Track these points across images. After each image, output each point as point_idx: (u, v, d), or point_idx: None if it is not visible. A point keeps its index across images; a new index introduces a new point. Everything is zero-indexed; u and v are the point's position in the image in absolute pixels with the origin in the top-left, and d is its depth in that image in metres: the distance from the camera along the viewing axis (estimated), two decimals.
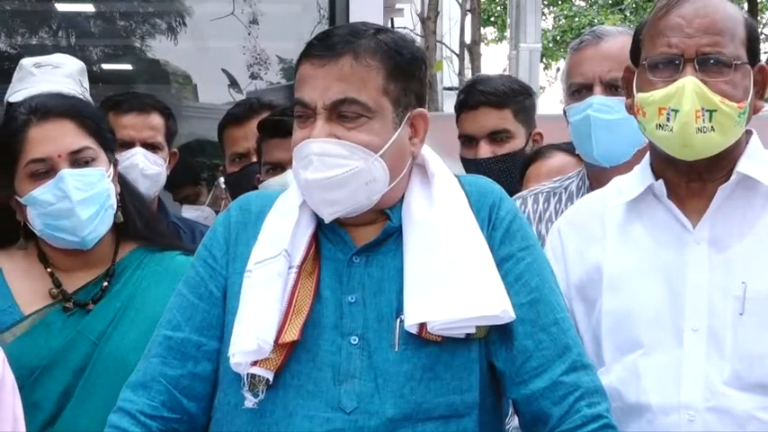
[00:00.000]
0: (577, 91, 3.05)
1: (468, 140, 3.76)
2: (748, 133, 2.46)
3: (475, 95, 3.75)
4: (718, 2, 2.40)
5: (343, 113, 2.22)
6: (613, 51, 2.99)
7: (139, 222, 2.86)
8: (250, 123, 3.81)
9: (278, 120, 3.26)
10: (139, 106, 3.82)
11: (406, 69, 2.27)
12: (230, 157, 3.95)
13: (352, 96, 2.21)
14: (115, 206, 2.77)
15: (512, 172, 3.66)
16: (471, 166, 3.67)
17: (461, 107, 3.79)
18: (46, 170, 2.68)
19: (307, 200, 2.29)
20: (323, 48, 2.24)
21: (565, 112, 3.13)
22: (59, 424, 2.65)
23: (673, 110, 2.34)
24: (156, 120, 3.83)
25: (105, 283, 2.77)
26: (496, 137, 3.71)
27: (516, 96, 3.76)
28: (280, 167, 3.24)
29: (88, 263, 2.79)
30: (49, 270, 2.77)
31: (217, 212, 4.85)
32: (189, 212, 4.80)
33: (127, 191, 2.87)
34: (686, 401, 2.33)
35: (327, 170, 2.21)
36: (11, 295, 2.74)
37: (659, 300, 2.39)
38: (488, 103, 3.71)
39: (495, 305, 2.19)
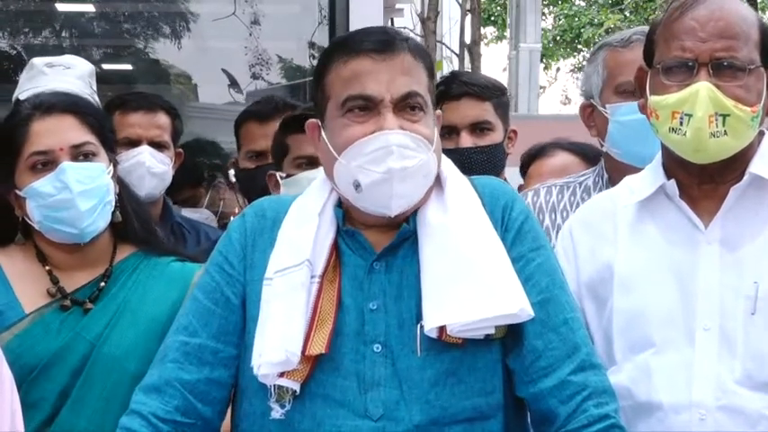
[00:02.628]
0: (625, 91, 3.00)
1: (447, 131, 3.76)
2: (760, 134, 2.46)
3: (458, 86, 3.74)
4: (732, 4, 2.40)
5: (408, 106, 2.24)
6: None
7: (137, 224, 2.86)
8: (273, 122, 3.79)
9: (313, 114, 3.26)
10: (147, 105, 3.82)
11: (433, 72, 2.32)
12: (247, 153, 3.94)
13: (415, 89, 2.25)
14: (113, 204, 2.77)
15: (493, 164, 3.66)
16: (452, 155, 3.59)
17: (442, 98, 3.77)
18: (47, 162, 2.69)
19: (370, 198, 2.25)
20: (379, 44, 2.25)
21: (581, 109, 3.14)
22: (56, 424, 2.64)
23: (686, 114, 2.34)
24: (163, 119, 3.82)
25: (102, 284, 2.77)
26: (478, 128, 3.70)
27: (495, 91, 3.77)
28: (312, 162, 3.22)
29: (86, 262, 2.78)
30: (47, 268, 2.77)
31: (215, 213, 4.84)
32: (187, 215, 4.76)
33: (125, 192, 2.87)
34: (697, 400, 2.34)
35: (404, 160, 2.21)
36: (12, 291, 2.74)
37: (671, 299, 2.39)
38: (472, 94, 3.70)
39: (512, 304, 2.19)
